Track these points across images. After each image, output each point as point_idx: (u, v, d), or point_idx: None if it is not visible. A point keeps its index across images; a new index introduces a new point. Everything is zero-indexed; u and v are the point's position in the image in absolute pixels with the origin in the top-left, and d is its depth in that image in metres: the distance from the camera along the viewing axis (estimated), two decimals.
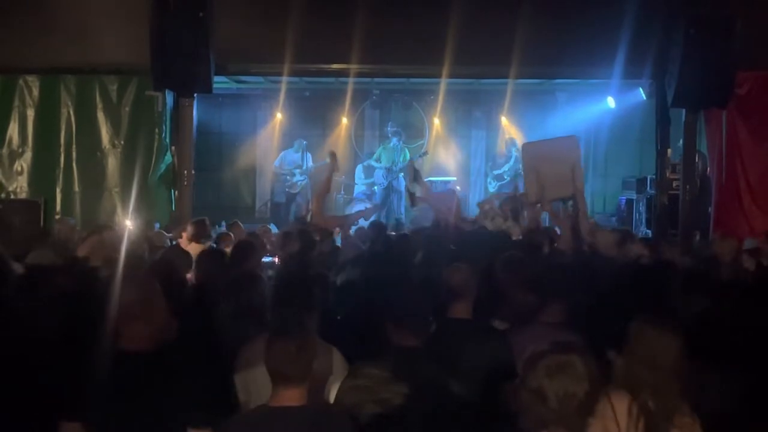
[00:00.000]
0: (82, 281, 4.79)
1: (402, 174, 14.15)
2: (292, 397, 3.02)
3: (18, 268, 5.11)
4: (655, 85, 11.43)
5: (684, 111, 10.92)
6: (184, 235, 7.96)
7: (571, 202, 7.88)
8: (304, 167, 14.23)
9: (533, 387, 2.62)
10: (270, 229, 10.43)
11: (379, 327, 3.65)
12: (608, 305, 4.39)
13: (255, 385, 3.66)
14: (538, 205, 7.85)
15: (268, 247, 7.74)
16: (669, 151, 11.48)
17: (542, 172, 8.03)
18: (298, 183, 14.21)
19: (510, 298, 4.75)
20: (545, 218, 9.36)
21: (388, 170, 14.15)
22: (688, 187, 10.93)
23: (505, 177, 14.16)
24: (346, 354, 3.82)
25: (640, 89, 12.69)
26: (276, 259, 6.47)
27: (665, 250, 6.92)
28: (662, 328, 3.14)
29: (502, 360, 3.69)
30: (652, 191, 12.10)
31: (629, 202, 13.46)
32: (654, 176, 11.92)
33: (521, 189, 11.58)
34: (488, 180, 14.66)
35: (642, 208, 12.83)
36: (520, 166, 13.88)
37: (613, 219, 13.95)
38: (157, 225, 10.41)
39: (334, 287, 5.33)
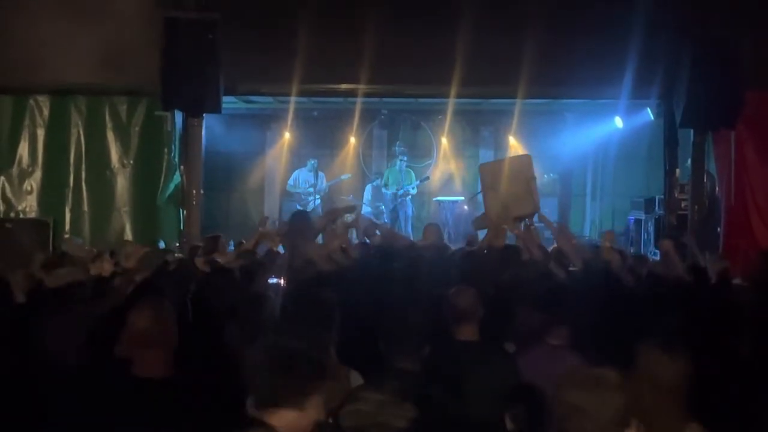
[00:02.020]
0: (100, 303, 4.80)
1: (408, 198, 14.22)
2: None
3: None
4: (663, 105, 11.45)
5: (692, 131, 10.91)
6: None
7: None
8: (318, 186, 14.29)
9: (570, 400, 2.65)
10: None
11: (376, 347, 3.65)
12: (617, 326, 4.36)
13: None
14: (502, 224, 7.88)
15: None
16: (677, 171, 11.47)
17: (502, 192, 8.13)
18: (311, 202, 14.27)
19: (517, 318, 4.73)
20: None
21: (395, 195, 14.16)
22: (696, 207, 10.91)
23: None
24: None
25: (648, 109, 12.69)
26: (282, 281, 6.43)
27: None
28: (666, 350, 3.15)
29: (509, 382, 3.67)
30: (661, 211, 12.07)
31: (637, 221, 13.41)
32: (662, 196, 11.90)
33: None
34: None
35: (650, 228, 12.78)
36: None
37: (622, 239, 13.90)
38: (162, 243, 10.46)
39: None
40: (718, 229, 11.13)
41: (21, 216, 11.38)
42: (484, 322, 4.16)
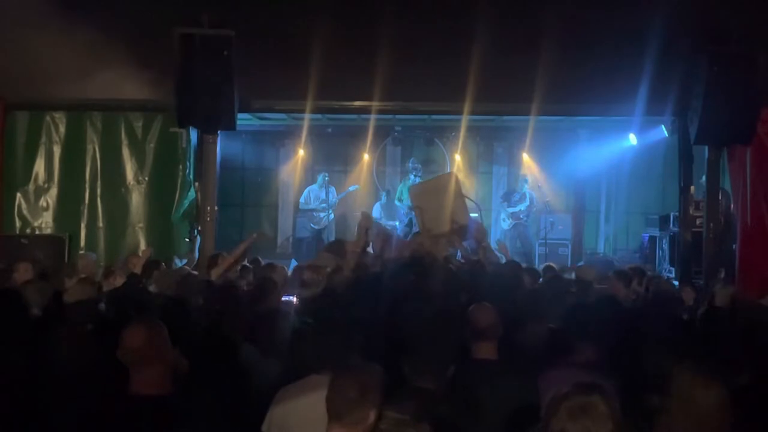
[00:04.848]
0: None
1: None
2: None
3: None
4: (677, 122, 11.40)
5: (707, 148, 10.87)
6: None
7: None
8: (329, 201, 14.32)
9: (557, 427, 2.60)
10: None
11: (396, 365, 3.63)
12: (646, 347, 4.29)
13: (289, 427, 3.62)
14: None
15: None
16: (692, 188, 11.41)
17: (425, 211, 8.41)
18: (324, 219, 14.30)
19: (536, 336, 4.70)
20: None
21: (410, 208, 14.16)
22: (711, 224, 10.83)
23: (522, 216, 14.09)
24: None
25: (663, 126, 12.66)
26: (295, 299, 6.42)
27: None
28: (704, 376, 3.06)
29: (527, 402, 3.63)
30: (676, 228, 12.01)
31: (652, 239, 13.35)
32: (677, 213, 11.84)
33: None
34: (502, 217, 14.53)
35: (665, 246, 12.72)
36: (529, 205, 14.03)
37: (637, 256, 13.85)
38: (177, 260, 10.49)
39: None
40: (734, 247, 11.04)
41: (37, 232, 11.42)
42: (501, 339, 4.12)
